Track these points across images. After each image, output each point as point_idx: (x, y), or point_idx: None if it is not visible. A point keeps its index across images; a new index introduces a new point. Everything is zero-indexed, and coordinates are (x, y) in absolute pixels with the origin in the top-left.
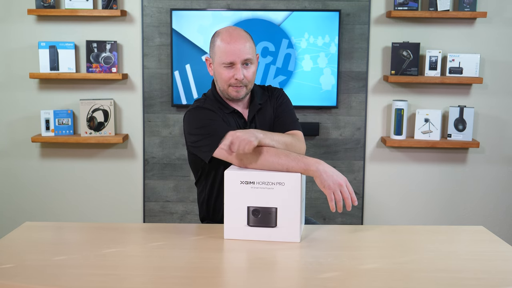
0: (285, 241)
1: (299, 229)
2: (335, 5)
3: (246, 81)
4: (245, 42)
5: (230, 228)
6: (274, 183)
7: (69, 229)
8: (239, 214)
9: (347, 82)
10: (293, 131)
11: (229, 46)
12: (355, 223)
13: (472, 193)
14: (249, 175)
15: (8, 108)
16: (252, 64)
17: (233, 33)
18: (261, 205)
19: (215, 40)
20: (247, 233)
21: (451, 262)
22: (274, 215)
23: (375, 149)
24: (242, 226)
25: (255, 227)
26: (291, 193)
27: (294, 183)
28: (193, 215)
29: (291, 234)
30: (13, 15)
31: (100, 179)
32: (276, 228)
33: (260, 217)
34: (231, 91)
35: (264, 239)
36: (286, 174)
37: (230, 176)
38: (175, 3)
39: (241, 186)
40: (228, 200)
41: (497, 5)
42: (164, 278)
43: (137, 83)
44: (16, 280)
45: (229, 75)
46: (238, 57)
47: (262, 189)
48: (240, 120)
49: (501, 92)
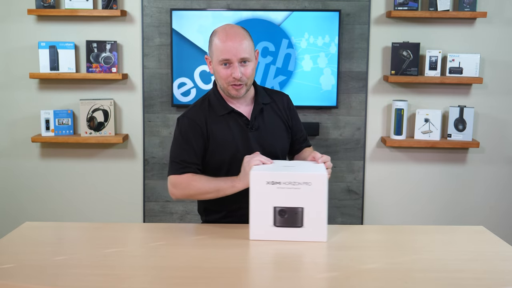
0: (312, 241)
1: (326, 229)
2: (335, 5)
3: (245, 79)
4: (242, 40)
5: (256, 229)
6: (301, 183)
7: (69, 229)
8: (265, 215)
9: (347, 82)
10: (307, 149)
11: (225, 45)
12: (355, 223)
13: (472, 193)
14: (275, 175)
15: (8, 108)
16: (250, 61)
17: (230, 31)
18: (287, 205)
19: (213, 39)
20: (273, 233)
21: (451, 262)
22: (301, 215)
23: (375, 149)
24: (268, 227)
25: (282, 227)
26: (317, 192)
27: (320, 183)
28: (193, 215)
29: (318, 233)
30: (13, 15)
31: (100, 179)
32: (302, 228)
33: (287, 217)
34: (231, 89)
35: (291, 239)
36: (312, 174)
37: (256, 177)
38: (175, 3)
39: (267, 187)
40: (254, 200)
41: (497, 5)
42: (164, 278)
43: (137, 83)
44: (16, 280)
45: (227, 74)
46: (234, 55)
47: (288, 189)
48: (241, 119)
49: (501, 92)
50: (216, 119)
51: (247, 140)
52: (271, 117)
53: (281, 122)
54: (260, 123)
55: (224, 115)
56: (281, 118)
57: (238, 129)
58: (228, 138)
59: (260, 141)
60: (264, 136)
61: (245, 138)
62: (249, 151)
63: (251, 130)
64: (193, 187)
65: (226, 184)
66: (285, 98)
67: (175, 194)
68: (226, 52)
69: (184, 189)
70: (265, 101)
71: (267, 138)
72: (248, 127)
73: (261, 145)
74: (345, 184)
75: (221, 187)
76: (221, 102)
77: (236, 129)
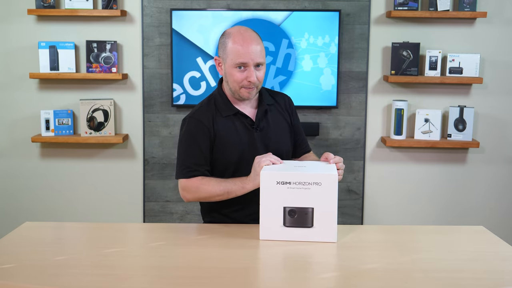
0: (322, 241)
1: (336, 229)
2: (335, 5)
3: (258, 83)
4: (258, 44)
5: (266, 229)
6: (311, 183)
7: (69, 229)
8: (275, 215)
9: (347, 82)
10: (307, 155)
11: (243, 49)
12: (355, 223)
13: (472, 193)
14: (285, 175)
15: (8, 108)
16: (263, 65)
17: (246, 34)
18: (297, 205)
19: (227, 41)
20: (283, 233)
21: (451, 262)
22: (311, 215)
23: (375, 149)
24: (278, 227)
25: (291, 227)
26: (327, 193)
27: (331, 183)
28: (193, 215)
29: (328, 234)
30: (13, 15)
31: (100, 179)
32: (312, 228)
33: (297, 218)
34: (243, 92)
35: (300, 239)
36: (323, 174)
37: (266, 177)
38: (175, 3)
39: (277, 187)
40: (264, 200)
41: (497, 5)
42: (164, 278)
43: (137, 83)
44: (16, 280)
45: (242, 77)
46: (251, 59)
47: (298, 189)
48: (246, 120)
49: (501, 92)
50: (222, 120)
51: (253, 141)
52: (275, 117)
53: (285, 123)
54: (265, 124)
55: (229, 116)
56: (284, 119)
57: (243, 130)
58: (234, 139)
59: (266, 142)
60: (269, 136)
61: (251, 139)
62: (255, 152)
63: (257, 131)
64: (203, 190)
65: (236, 186)
66: (287, 98)
67: (187, 197)
68: (244, 55)
69: (194, 193)
70: (269, 102)
71: (272, 139)
72: (253, 128)
73: (266, 146)
74: (345, 184)
75: (231, 189)
76: (226, 103)
77: (241, 130)
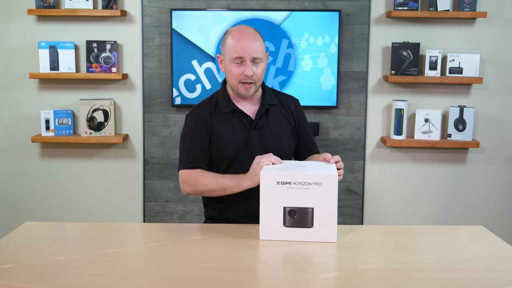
0: (322, 241)
1: (336, 229)
2: (335, 5)
3: (255, 78)
4: (255, 40)
5: (266, 229)
6: (311, 183)
7: (69, 229)
8: (275, 215)
9: (347, 82)
10: (315, 155)
11: (239, 43)
12: (355, 223)
13: (472, 193)
14: (285, 175)
15: (8, 108)
16: (261, 62)
17: (244, 31)
18: (297, 205)
19: (226, 38)
20: (283, 233)
21: (451, 262)
22: (311, 215)
23: (375, 149)
24: (278, 227)
25: (291, 227)
26: (327, 193)
27: (331, 183)
28: (193, 215)
29: (328, 234)
30: (13, 15)
31: (100, 179)
32: (312, 228)
33: (297, 218)
34: (241, 88)
35: (300, 239)
36: (323, 174)
37: (266, 177)
38: (175, 3)
39: (277, 187)
40: (264, 200)
41: (497, 5)
42: (164, 278)
43: (137, 83)
44: (16, 280)
45: (239, 71)
46: (247, 53)
47: (298, 189)
48: (245, 118)
49: (501, 92)
50: (220, 116)
51: (249, 139)
52: (277, 118)
53: (287, 124)
54: (264, 123)
55: (228, 113)
56: (287, 120)
57: (241, 128)
58: (230, 135)
59: (263, 141)
60: (268, 136)
61: (247, 137)
62: (251, 150)
63: (254, 129)
64: (200, 184)
65: (233, 183)
66: (294, 101)
67: (186, 189)
68: (240, 50)
69: (193, 185)
70: (272, 102)
71: (270, 138)
72: (251, 126)
73: (263, 145)
74: (345, 184)
75: (227, 186)
76: (227, 100)
77: (239, 128)
